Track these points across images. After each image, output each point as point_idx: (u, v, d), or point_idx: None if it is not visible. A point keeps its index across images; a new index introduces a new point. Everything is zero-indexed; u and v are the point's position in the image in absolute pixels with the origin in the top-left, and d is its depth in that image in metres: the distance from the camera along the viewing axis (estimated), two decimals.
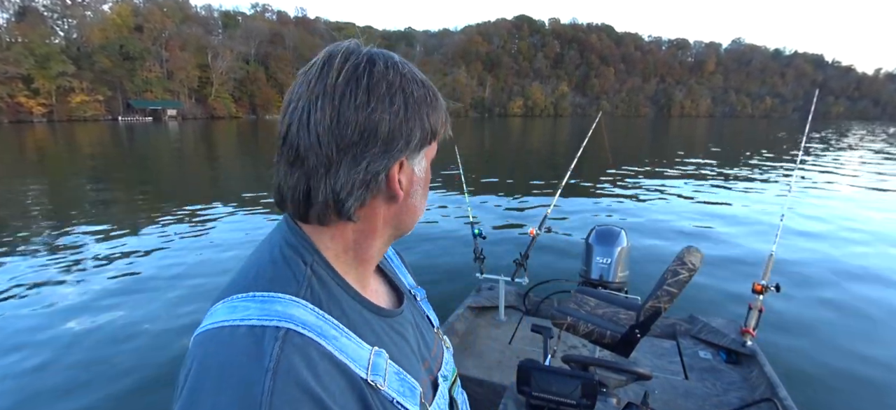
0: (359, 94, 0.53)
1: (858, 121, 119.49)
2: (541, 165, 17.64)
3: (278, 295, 0.52)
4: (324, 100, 0.52)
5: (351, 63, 0.54)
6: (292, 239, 0.58)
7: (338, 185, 0.55)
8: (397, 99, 0.55)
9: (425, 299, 0.86)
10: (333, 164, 0.54)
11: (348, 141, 0.53)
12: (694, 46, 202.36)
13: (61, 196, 10.68)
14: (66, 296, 4.70)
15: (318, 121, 0.52)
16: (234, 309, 0.51)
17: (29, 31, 67.21)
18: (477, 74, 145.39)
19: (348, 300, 0.59)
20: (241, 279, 0.55)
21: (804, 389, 3.10)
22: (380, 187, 0.57)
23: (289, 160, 0.55)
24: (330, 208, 0.56)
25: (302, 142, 0.53)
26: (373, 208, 0.59)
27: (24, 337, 3.88)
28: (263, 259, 0.57)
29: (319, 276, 0.57)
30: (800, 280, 5.17)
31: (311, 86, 0.54)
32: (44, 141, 29.67)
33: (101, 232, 7.20)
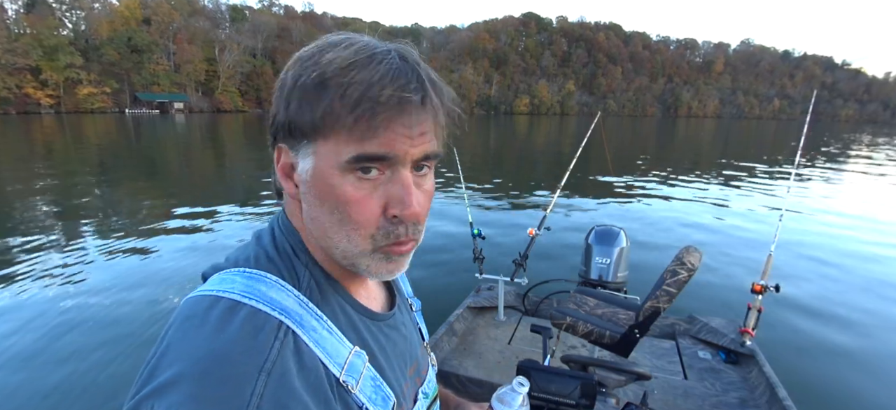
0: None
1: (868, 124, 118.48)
2: (543, 164, 17.59)
3: (265, 275, 0.53)
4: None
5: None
6: (288, 235, 0.58)
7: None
8: (278, 82, 0.54)
9: (419, 311, 0.84)
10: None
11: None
12: (702, 46, 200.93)
13: (68, 186, 10.75)
14: (68, 287, 4.74)
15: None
16: (222, 281, 0.52)
17: (37, 22, 67.71)
18: (483, 72, 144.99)
19: (339, 300, 0.58)
20: (241, 256, 0.56)
21: (803, 389, 3.09)
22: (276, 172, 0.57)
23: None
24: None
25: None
26: (290, 201, 0.59)
27: (23, 325, 3.92)
28: (263, 245, 0.58)
29: (316, 277, 0.57)
30: (799, 280, 5.16)
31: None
32: (51, 132, 29.87)
33: (106, 223, 7.26)
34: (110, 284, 4.82)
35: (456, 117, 0.55)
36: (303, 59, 0.52)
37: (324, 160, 0.50)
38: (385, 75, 0.48)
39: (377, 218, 0.52)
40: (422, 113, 0.50)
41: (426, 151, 0.52)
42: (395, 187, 0.51)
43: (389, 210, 0.52)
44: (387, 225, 0.53)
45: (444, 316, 3.30)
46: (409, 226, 0.54)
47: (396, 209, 0.52)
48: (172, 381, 0.42)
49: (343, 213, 0.51)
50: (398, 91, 0.48)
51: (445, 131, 0.55)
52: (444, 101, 0.53)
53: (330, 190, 0.51)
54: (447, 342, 3.05)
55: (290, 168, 0.55)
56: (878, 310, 4.54)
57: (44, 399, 3.02)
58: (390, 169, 0.51)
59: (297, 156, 0.53)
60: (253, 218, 7.96)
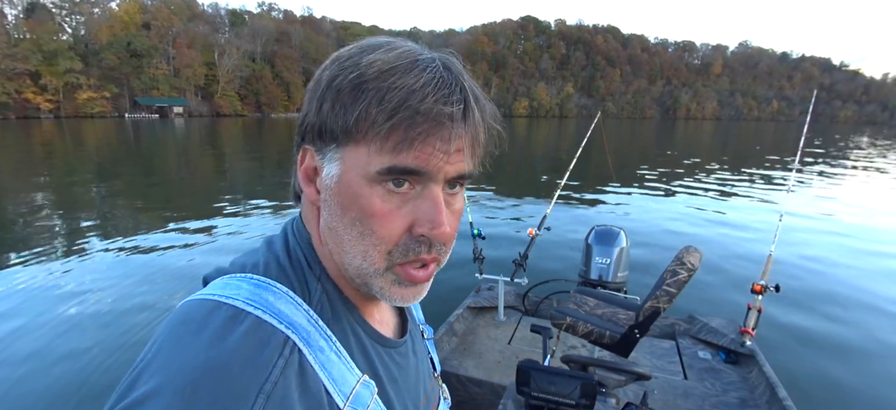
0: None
1: (867, 125, 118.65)
2: (543, 166, 17.61)
3: (274, 284, 0.49)
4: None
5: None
6: (302, 243, 0.55)
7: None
8: (313, 82, 0.51)
9: (431, 339, 0.80)
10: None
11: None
12: (701, 48, 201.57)
13: (67, 190, 10.74)
14: (66, 288, 4.73)
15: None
16: (226, 286, 0.48)
17: (37, 27, 67.88)
18: (482, 75, 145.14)
19: (350, 320, 0.54)
20: (249, 261, 0.53)
21: (803, 389, 3.09)
22: (299, 175, 0.54)
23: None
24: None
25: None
26: (308, 205, 0.55)
27: (21, 326, 3.92)
28: (275, 251, 0.54)
29: (328, 293, 0.53)
30: (799, 280, 5.16)
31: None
32: (51, 137, 29.87)
33: (105, 226, 7.25)
34: (108, 286, 4.81)
35: (496, 136, 0.53)
36: (341, 60, 0.49)
37: (352, 167, 0.47)
38: (427, 84, 0.45)
39: (400, 235, 0.48)
40: (461, 128, 0.46)
41: (461, 170, 0.49)
42: (425, 204, 0.48)
43: (416, 228, 0.48)
44: (409, 242, 0.49)
45: (444, 316, 3.30)
46: (435, 246, 0.50)
47: (424, 228, 0.48)
48: (153, 394, 0.38)
49: (366, 226, 0.48)
50: (440, 103, 0.45)
51: (483, 150, 0.51)
52: (485, 118, 0.49)
53: (354, 200, 0.47)
54: (447, 342, 3.05)
55: (314, 172, 0.52)
56: (878, 310, 4.54)
57: (37, 398, 3.01)
58: (421, 184, 0.48)
59: (324, 160, 0.50)
60: (252, 221, 7.95)
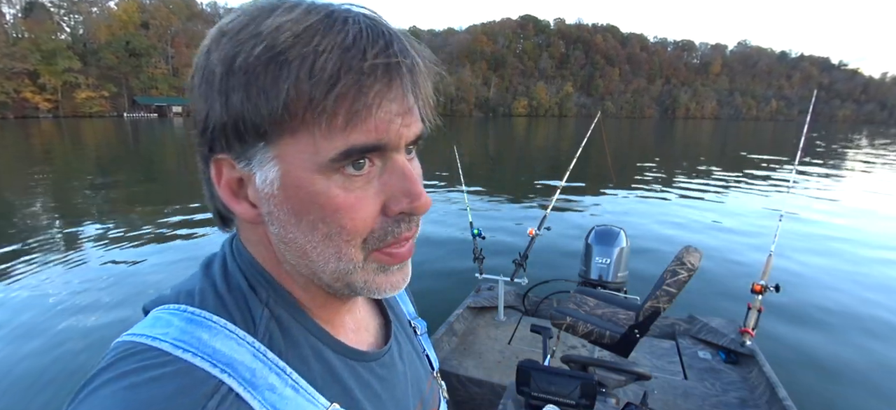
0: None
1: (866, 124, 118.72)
2: (542, 165, 17.62)
3: (210, 317, 0.41)
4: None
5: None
6: (242, 263, 0.46)
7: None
8: (198, 69, 0.41)
9: (426, 334, 0.71)
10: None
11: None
12: (700, 48, 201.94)
13: (66, 191, 10.74)
14: (64, 291, 4.73)
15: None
16: (156, 321, 0.41)
17: (35, 26, 67.86)
18: (481, 74, 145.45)
19: (313, 343, 0.46)
20: (184, 289, 0.45)
21: (804, 389, 3.09)
22: (217, 193, 0.44)
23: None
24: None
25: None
26: (245, 226, 0.47)
27: (18, 326, 3.92)
28: (211, 277, 0.46)
29: (279, 318, 0.45)
30: (799, 280, 5.16)
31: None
32: (50, 136, 29.83)
33: (104, 226, 7.24)
34: (107, 287, 4.81)
35: (442, 86, 0.45)
36: (231, 34, 0.38)
37: (296, 163, 0.39)
38: (359, 37, 0.37)
39: (374, 220, 0.42)
40: (410, 82, 0.40)
41: (418, 131, 0.42)
42: (394, 178, 0.42)
43: (393, 207, 0.42)
44: (386, 225, 0.42)
45: (444, 316, 3.30)
46: (415, 219, 0.44)
47: (403, 204, 0.42)
48: None
49: (333, 225, 0.40)
50: (383, 55, 0.37)
51: (433, 103, 0.43)
52: (428, 64, 0.42)
53: (310, 200, 0.40)
54: (447, 342, 3.05)
55: (239, 184, 0.42)
56: (878, 310, 4.54)
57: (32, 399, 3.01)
58: (382, 158, 0.41)
59: (251, 167, 0.40)
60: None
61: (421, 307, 0.79)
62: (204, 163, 0.43)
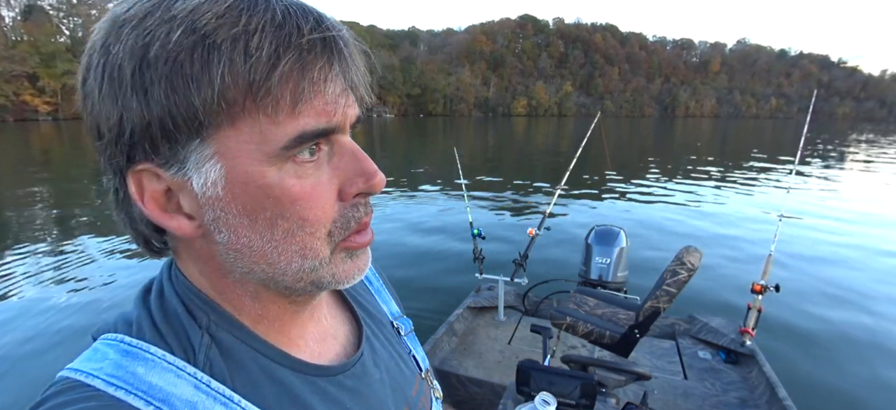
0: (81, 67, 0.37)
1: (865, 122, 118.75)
2: (542, 165, 17.61)
3: (148, 348, 0.38)
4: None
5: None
6: (178, 286, 0.42)
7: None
8: (93, 67, 0.35)
9: (412, 333, 0.66)
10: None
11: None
12: (699, 46, 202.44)
13: (66, 192, 10.73)
14: (64, 291, 4.73)
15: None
16: (94, 353, 0.38)
17: (35, 29, 67.89)
18: (481, 74, 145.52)
19: (264, 364, 0.42)
20: (121, 318, 0.41)
21: (803, 389, 3.09)
22: (135, 212, 0.39)
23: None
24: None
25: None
26: (177, 241, 0.42)
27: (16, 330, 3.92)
28: (147, 303, 0.42)
29: (220, 342, 0.41)
30: (799, 280, 5.16)
31: None
32: (49, 139, 29.84)
33: (103, 226, 7.24)
34: (107, 286, 4.81)
35: (371, 66, 0.41)
36: (133, 22, 0.33)
37: (241, 157, 0.35)
38: (287, 14, 0.34)
39: (333, 207, 0.39)
40: (349, 58, 0.37)
41: (358, 112, 0.40)
42: (345, 160, 0.39)
43: (348, 190, 0.39)
44: (345, 210, 0.40)
45: (444, 316, 3.30)
46: (368, 203, 0.42)
47: (360, 184, 0.40)
48: None
49: (293, 219, 0.37)
50: (317, 31, 0.35)
51: (367, 83, 0.41)
52: (357, 44, 0.40)
53: (265, 194, 0.36)
54: (447, 342, 3.05)
55: (167, 195, 0.37)
56: (878, 310, 4.54)
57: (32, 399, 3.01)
58: (328, 142, 0.39)
59: (185, 170, 0.35)
60: None
61: (421, 307, 0.77)
62: (118, 178, 0.38)
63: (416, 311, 4.18)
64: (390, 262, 5.51)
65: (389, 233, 6.90)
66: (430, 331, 3.02)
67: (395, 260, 5.64)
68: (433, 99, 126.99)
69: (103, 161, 0.38)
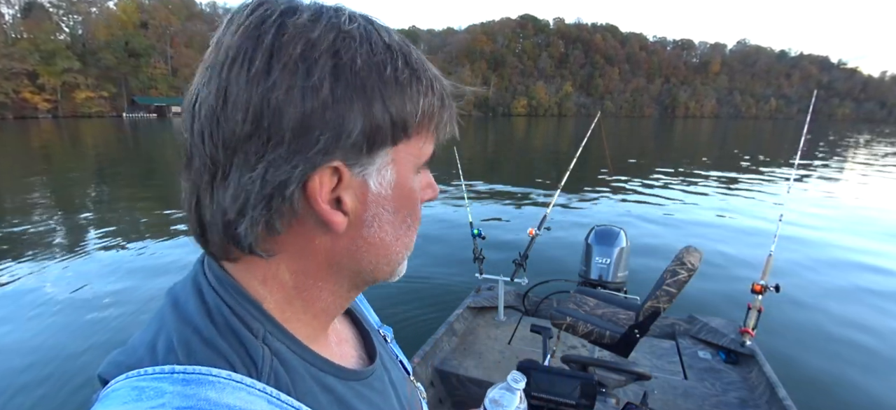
0: (256, 60, 0.35)
1: (865, 123, 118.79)
2: (542, 165, 17.61)
3: (209, 371, 0.35)
4: (212, 72, 0.36)
5: (257, 15, 0.36)
6: (226, 295, 0.40)
7: (226, 200, 0.37)
8: (319, 67, 0.36)
9: (394, 340, 0.68)
10: (220, 168, 0.37)
11: (237, 132, 0.35)
12: (699, 47, 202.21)
13: (65, 190, 10.73)
14: (63, 291, 4.73)
15: (201, 104, 0.36)
16: (140, 393, 0.33)
17: (35, 26, 67.82)
18: (481, 74, 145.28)
19: (313, 373, 0.43)
20: (159, 344, 0.37)
21: (803, 389, 3.09)
22: (294, 207, 0.38)
23: (184, 165, 0.40)
24: (220, 235, 0.39)
25: (187, 137, 0.38)
26: (300, 237, 0.41)
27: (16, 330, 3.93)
28: (189, 318, 0.39)
29: (278, 353, 0.40)
30: (799, 280, 5.16)
31: (207, 55, 0.38)
32: (49, 136, 29.81)
33: (103, 226, 7.24)
34: (104, 287, 4.81)
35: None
36: (359, 39, 0.38)
37: (405, 164, 0.43)
38: (427, 62, 0.44)
39: None
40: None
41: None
42: (427, 176, 0.48)
43: (423, 196, 0.47)
44: None
45: (444, 316, 3.30)
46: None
47: (428, 194, 0.48)
48: None
49: (415, 216, 0.46)
50: (449, 84, 0.45)
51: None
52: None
53: (408, 195, 0.44)
54: (447, 342, 3.05)
55: (332, 192, 0.39)
56: (877, 310, 4.54)
57: (31, 400, 3.01)
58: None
59: (365, 171, 0.40)
60: None
61: (421, 307, 0.78)
62: (299, 174, 0.37)
63: (416, 311, 4.19)
64: None
65: None
66: (430, 331, 3.02)
67: None
68: None
69: (276, 154, 0.36)
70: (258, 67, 0.35)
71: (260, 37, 0.35)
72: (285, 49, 0.35)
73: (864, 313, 4.46)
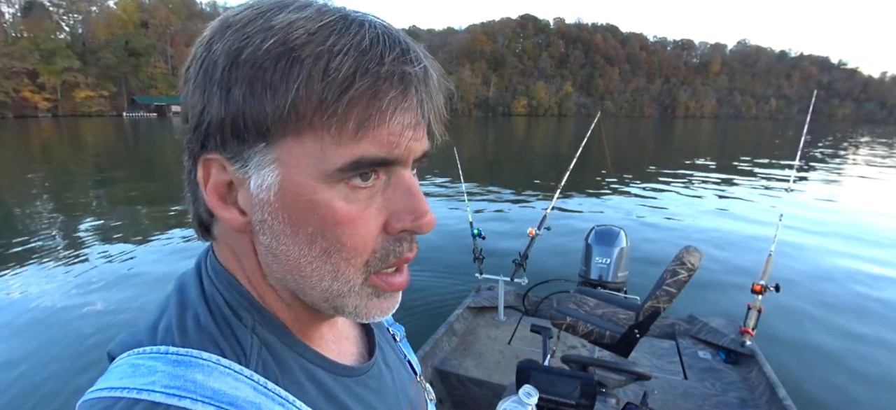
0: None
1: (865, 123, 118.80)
2: (542, 165, 17.61)
3: (199, 354, 0.37)
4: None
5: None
6: (220, 284, 0.42)
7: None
8: (197, 58, 0.37)
9: (405, 339, 0.68)
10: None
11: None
12: (699, 47, 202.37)
13: (65, 189, 10.72)
14: (64, 291, 4.73)
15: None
16: (135, 370, 0.35)
17: (35, 26, 67.85)
18: (481, 73, 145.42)
19: (303, 365, 0.43)
20: (160, 324, 0.40)
21: (803, 389, 3.09)
22: (199, 196, 0.40)
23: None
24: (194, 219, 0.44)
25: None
26: (226, 231, 0.42)
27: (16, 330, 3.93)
28: (189, 303, 0.41)
29: (267, 342, 0.41)
30: (799, 280, 5.16)
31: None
32: (49, 135, 29.81)
33: (103, 226, 7.24)
34: (103, 288, 4.81)
35: (448, 98, 0.42)
36: (239, 26, 0.35)
37: (298, 169, 0.36)
38: (376, 41, 0.35)
39: (376, 238, 0.39)
40: (425, 94, 0.37)
41: (426, 147, 0.40)
42: (398, 194, 0.39)
43: (394, 224, 0.39)
44: (387, 244, 0.40)
45: (444, 316, 3.30)
46: (416, 240, 0.42)
47: (406, 221, 0.39)
48: None
49: (332, 240, 0.37)
50: (399, 62, 0.35)
51: (442, 120, 0.41)
52: (440, 80, 0.40)
53: (310, 210, 0.37)
54: (447, 342, 3.04)
55: (228, 188, 0.39)
56: (877, 310, 4.54)
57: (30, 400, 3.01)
58: (387, 172, 0.39)
59: (247, 168, 0.37)
60: None
61: (421, 306, 0.78)
62: (192, 161, 0.40)
63: (416, 311, 4.19)
64: None
65: None
66: (430, 331, 3.02)
67: None
68: None
69: (185, 143, 0.40)
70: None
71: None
72: (194, 47, 0.38)
73: (863, 313, 4.46)
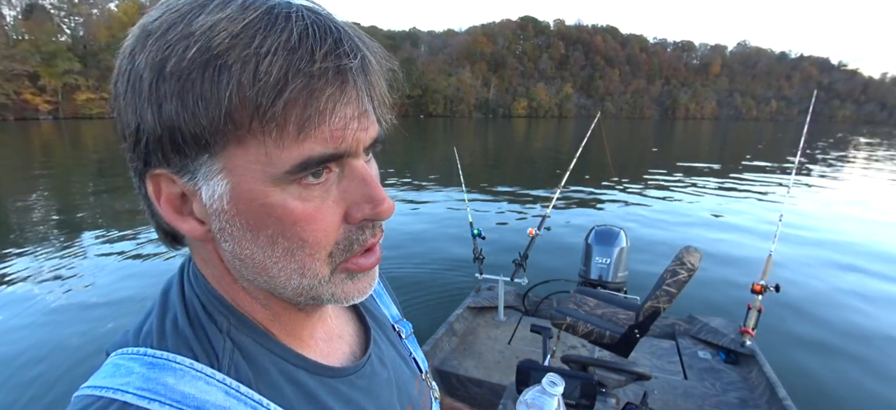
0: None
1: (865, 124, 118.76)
2: (542, 166, 17.60)
3: (174, 357, 0.38)
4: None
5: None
6: (198, 288, 0.43)
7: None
8: (121, 73, 0.36)
9: (412, 336, 0.68)
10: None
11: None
12: (699, 48, 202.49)
13: (66, 191, 10.73)
14: (64, 291, 4.73)
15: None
16: (116, 370, 0.37)
17: (35, 28, 67.93)
18: (481, 75, 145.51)
19: (282, 367, 0.43)
20: (143, 327, 0.41)
21: (803, 389, 3.09)
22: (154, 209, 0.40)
23: None
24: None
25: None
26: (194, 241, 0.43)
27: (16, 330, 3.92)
28: (170, 306, 0.42)
29: (241, 345, 0.41)
30: (799, 280, 5.16)
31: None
32: (50, 138, 29.84)
33: (103, 226, 7.24)
34: (103, 288, 4.81)
35: (393, 79, 0.41)
36: (158, 34, 0.34)
37: (247, 176, 0.35)
38: (305, 36, 0.33)
39: (337, 230, 0.39)
40: (364, 84, 0.36)
41: (375, 134, 0.40)
42: (353, 184, 0.39)
43: (354, 214, 0.39)
44: (349, 233, 0.40)
45: (444, 316, 3.30)
46: (378, 224, 0.42)
47: (366, 210, 0.39)
48: None
49: (292, 239, 0.37)
50: (332, 56, 0.34)
51: (388, 103, 0.40)
52: (381, 62, 0.39)
53: (266, 213, 0.36)
54: (447, 342, 3.05)
55: (182, 199, 0.38)
56: (877, 310, 4.54)
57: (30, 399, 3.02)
58: (339, 165, 0.38)
59: (195, 180, 0.36)
60: None
61: (421, 307, 0.78)
62: (138, 179, 0.39)
63: (417, 311, 4.18)
64: (390, 263, 5.51)
65: (389, 234, 6.84)
66: (430, 331, 3.02)
67: (395, 260, 5.63)
68: (434, 100, 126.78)
69: (127, 161, 0.39)
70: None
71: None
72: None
73: (863, 313, 4.45)
